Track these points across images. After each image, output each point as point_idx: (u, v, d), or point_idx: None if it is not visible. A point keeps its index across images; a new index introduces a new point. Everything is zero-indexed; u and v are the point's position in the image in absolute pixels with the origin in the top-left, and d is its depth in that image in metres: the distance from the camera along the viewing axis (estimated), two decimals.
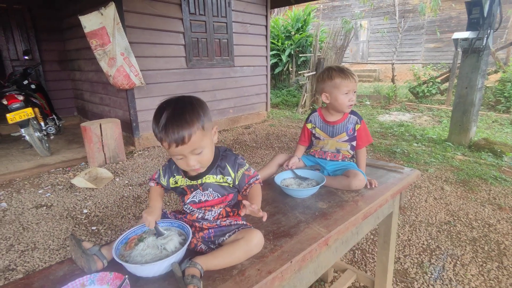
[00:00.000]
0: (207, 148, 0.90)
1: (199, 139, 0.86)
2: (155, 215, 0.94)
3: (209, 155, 0.92)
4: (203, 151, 0.89)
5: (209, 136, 0.90)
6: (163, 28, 4.55)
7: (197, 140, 0.85)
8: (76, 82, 6.09)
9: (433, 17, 11.75)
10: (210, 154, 0.92)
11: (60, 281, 0.84)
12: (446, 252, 2.17)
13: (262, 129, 5.82)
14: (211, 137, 0.92)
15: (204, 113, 0.89)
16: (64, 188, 3.33)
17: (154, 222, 0.93)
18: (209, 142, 0.91)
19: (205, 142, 0.88)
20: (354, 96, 1.40)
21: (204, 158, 0.90)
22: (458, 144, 4.40)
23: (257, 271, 0.86)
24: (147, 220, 0.92)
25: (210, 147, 0.91)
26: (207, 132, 0.89)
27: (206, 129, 0.88)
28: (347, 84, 1.36)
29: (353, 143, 1.44)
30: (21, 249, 2.31)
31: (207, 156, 0.91)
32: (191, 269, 0.79)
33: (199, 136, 0.85)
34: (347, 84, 1.36)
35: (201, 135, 0.86)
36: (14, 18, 5.43)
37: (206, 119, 0.89)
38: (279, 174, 1.41)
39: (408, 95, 8.22)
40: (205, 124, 0.88)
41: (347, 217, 1.12)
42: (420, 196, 3.00)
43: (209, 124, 0.91)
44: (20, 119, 3.68)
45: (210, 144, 0.91)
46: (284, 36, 9.38)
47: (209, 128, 0.91)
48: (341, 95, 1.37)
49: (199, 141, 0.86)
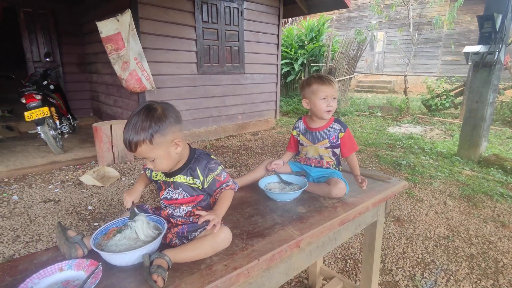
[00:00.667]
0: (159, 159, 0.96)
1: (145, 151, 0.93)
2: (133, 196, 1.05)
3: (163, 164, 0.97)
4: (155, 160, 0.96)
5: (161, 149, 0.94)
6: (176, 35, 4.72)
7: (143, 152, 0.93)
8: (93, 84, 6.35)
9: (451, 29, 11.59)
10: (164, 164, 0.97)
11: (43, 265, 0.91)
12: (441, 267, 2.13)
13: (270, 136, 5.87)
14: (165, 150, 0.96)
15: (157, 131, 0.92)
16: (73, 184, 3.47)
17: (131, 202, 1.04)
18: (162, 154, 0.95)
19: (154, 154, 0.94)
20: (334, 102, 1.43)
21: (157, 166, 0.97)
22: (467, 159, 4.30)
23: (224, 266, 0.90)
24: (125, 199, 1.04)
25: (163, 159, 0.96)
26: (157, 146, 0.93)
27: (156, 144, 0.92)
28: (323, 89, 1.40)
29: (336, 150, 1.47)
30: (26, 240, 2.43)
31: (160, 165, 0.97)
32: (159, 260, 0.84)
33: (145, 148, 0.92)
34: (323, 89, 1.40)
35: (148, 148, 0.92)
36: (38, 22, 5.74)
37: (157, 135, 0.92)
38: (264, 178, 1.45)
39: (421, 108, 8.09)
40: (155, 139, 0.92)
41: (323, 222, 1.15)
42: (421, 209, 2.96)
43: (163, 139, 0.94)
44: (37, 117, 3.87)
45: (163, 156, 0.96)
46: (298, 45, 9.47)
47: (162, 143, 0.94)
48: (318, 100, 1.42)
49: (147, 153, 0.93)
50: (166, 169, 1.01)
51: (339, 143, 1.45)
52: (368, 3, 13.57)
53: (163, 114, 0.94)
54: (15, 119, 5.94)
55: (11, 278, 0.87)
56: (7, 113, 6.48)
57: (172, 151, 0.97)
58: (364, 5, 14.33)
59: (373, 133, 6.00)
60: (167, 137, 0.95)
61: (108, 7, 4.82)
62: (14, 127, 5.50)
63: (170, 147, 0.97)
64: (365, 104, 9.11)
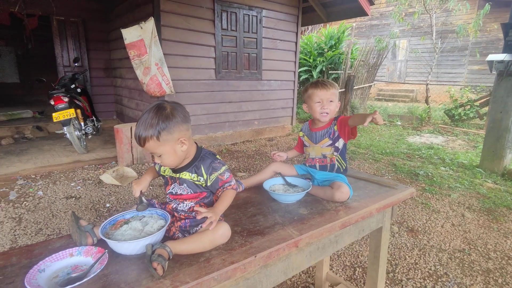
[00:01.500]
0: (166, 155, 1.02)
1: (153, 147, 1.00)
2: (141, 185, 1.12)
3: (169, 160, 1.04)
4: (162, 155, 1.03)
5: (168, 146, 1.01)
6: (196, 41, 4.87)
7: (151, 147, 1.00)
8: (117, 88, 6.63)
9: (479, 38, 11.20)
10: (170, 160, 1.04)
11: (56, 250, 0.98)
12: (454, 280, 2.06)
13: (285, 142, 5.88)
14: (171, 147, 1.02)
15: (164, 129, 0.98)
16: (93, 183, 3.64)
17: (139, 191, 1.10)
18: (168, 151, 1.02)
19: (161, 150, 1.01)
20: (330, 105, 1.47)
21: (164, 162, 1.04)
22: (490, 171, 4.13)
23: (222, 260, 0.94)
24: (134, 188, 1.10)
25: (169, 155, 1.03)
26: (164, 142, 1.00)
27: (162, 141, 0.99)
28: (317, 93, 1.47)
29: (337, 144, 1.49)
30: (48, 233, 2.57)
31: (166, 161, 1.04)
32: (160, 250, 0.89)
33: (153, 144, 0.99)
34: (317, 93, 1.47)
35: (156, 144, 0.99)
36: (69, 29, 6.10)
37: (164, 132, 0.98)
38: (270, 180, 1.48)
39: (444, 118, 7.84)
40: (162, 136, 0.99)
41: (323, 224, 1.17)
42: (437, 221, 2.87)
43: (169, 137, 1.00)
44: (63, 118, 4.10)
45: (169, 152, 1.02)
46: (317, 53, 9.46)
47: (169, 140, 1.00)
48: (313, 104, 1.49)
49: (154, 148, 1.00)
50: (172, 165, 1.07)
51: (338, 136, 1.48)
52: (390, 11, 13.38)
53: (171, 113, 1.01)
54: (45, 120, 6.29)
55: (27, 260, 0.95)
56: (38, 114, 6.88)
57: (178, 148, 1.03)
58: (387, 13, 14.14)
59: (391, 142, 5.88)
60: (174, 135, 1.01)
61: (133, 15, 5.06)
62: (44, 128, 5.83)
63: (176, 144, 1.03)
64: (385, 112, 8.94)
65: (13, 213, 2.89)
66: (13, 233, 2.56)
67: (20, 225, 2.69)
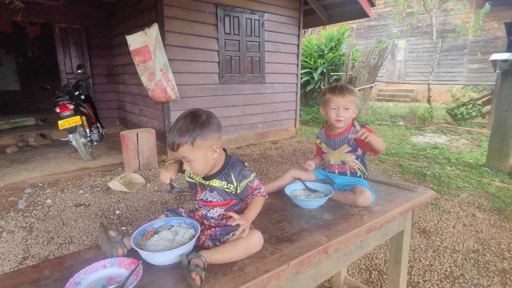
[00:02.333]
0: (197, 161, 1.03)
1: (186, 152, 1.00)
2: (171, 172, 1.12)
3: (199, 167, 1.04)
4: (192, 162, 1.03)
5: (200, 152, 1.02)
6: (199, 46, 4.88)
7: (183, 152, 1.01)
8: (120, 94, 6.64)
9: (477, 37, 11.26)
10: (200, 167, 1.04)
11: (87, 262, 0.98)
12: (471, 281, 2.06)
13: (290, 145, 5.89)
14: (203, 153, 1.03)
15: (200, 133, 1.01)
16: (101, 190, 3.63)
17: (169, 178, 1.10)
18: (199, 157, 1.02)
19: (194, 156, 1.02)
20: (346, 112, 1.46)
21: (194, 168, 1.04)
22: (496, 170, 4.13)
23: (256, 269, 0.94)
24: (164, 175, 1.10)
25: (200, 161, 1.03)
26: (197, 148, 1.01)
27: (196, 146, 1.01)
28: (334, 100, 1.45)
29: (358, 153, 1.48)
30: (59, 242, 2.56)
31: (196, 167, 1.04)
32: (195, 260, 0.89)
33: (186, 149, 1.00)
34: (334, 100, 1.45)
35: (189, 149, 1.00)
36: (72, 37, 6.11)
37: (199, 138, 1.01)
38: (290, 185, 1.48)
39: (446, 117, 7.86)
40: (197, 142, 1.00)
41: (350, 229, 1.17)
42: (448, 221, 2.87)
43: (203, 143, 1.02)
44: (69, 125, 4.09)
45: (200, 159, 1.03)
46: (317, 54, 9.50)
47: (202, 146, 1.02)
48: (329, 110, 1.48)
49: (187, 153, 1.01)
50: (201, 172, 1.07)
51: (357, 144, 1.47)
52: (388, 11, 13.45)
53: (207, 121, 1.03)
54: (48, 128, 6.29)
55: (59, 273, 0.95)
56: (40, 122, 6.87)
57: (209, 156, 1.04)
58: (385, 13, 14.21)
59: (395, 142, 5.89)
60: (207, 141, 1.02)
61: (136, 21, 5.07)
62: (47, 135, 5.82)
63: (208, 151, 1.04)
64: (386, 113, 8.95)
65: (23, 222, 2.88)
66: (25, 243, 2.54)
67: (31, 234, 2.68)
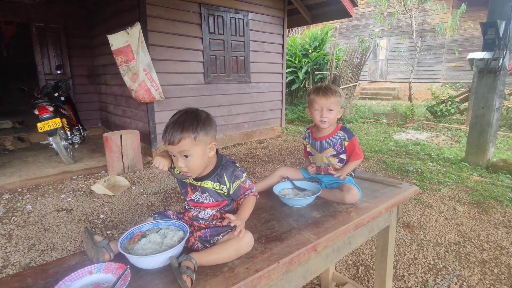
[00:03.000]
0: (195, 157, 1.01)
1: (187, 145, 0.98)
2: (168, 159, 1.08)
3: (196, 163, 1.02)
4: (190, 157, 1.00)
5: (200, 147, 1.01)
6: (183, 46, 4.83)
7: (185, 145, 0.98)
8: (101, 95, 6.47)
9: (454, 36, 11.64)
10: (197, 163, 1.02)
11: (72, 269, 0.96)
12: (453, 273, 2.13)
13: (276, 144, 5.91)
14: (203, 150, 1.02)
15: (203, 128, 1.01)
16: (84, 194, 3.53)
17: (168, 166, 1.07)
18: (199, 153, 1.01)
19: (193, 151, 1.00)
20: (330, 113, 1.46)
21: (190, 164, 1.02)
22: (475, 165, 4.29)
23: (246, 269, 0.94)
24: (161, 162, 1.06)
25: (199, 157, 1.02)
26: (199, 143, 1.00)
27: (198, 141, 1.00)
28: (317, 101, 1.46)
29: (342, 157, 1.51)
30: (41, 249, 2.48)
31: (193, 164, 1.02)
32: (186, 262, 0.88)
33: (188, 143, 0.98)
34: (317, 101, 1.46)
35: (191, 143, 0.99)
36: (50, 36, 5.91)
37: (202, 133, 1.01)
38: (278, 184, 1.49)
39: (426, 114, 8.10)
40: (199, 136, 1.00)
41: (338, 226, 1.18)
42: (431, 215, 2.96)
43: (205, 138, 1.02)
44: (49, 128, 3.96)
45: (199, 155, 1.01)
46: (302, 54, 9.58)
47: (203, 141, 1.02)
48: (313, 111, 1.49)
49: (187, 147, 0.99)
50: (197, 170, 1.04)
51: (344, 150, 1.49)
52: (370, 11, 13.72)
53: (208, 118, 1.05)
54: (26, 130, 6.06)
55: (43, 281, 0.91)
56: (18, 125, 6.61)
57: (207, 153, 1.04)
58: (367, 13, 14.49)
59: (379, 140, 6.02)
60: (208, 138, 1.03)
61: (118, 20, 4.95)
62: (25, 138, 5.61)
63: (207, 148, 1.03)
64: (369, 111, 9.14)
65: (1, 229, 2.76)
66: (4, 251, 2.45)
67: (11, 241, 2.57)
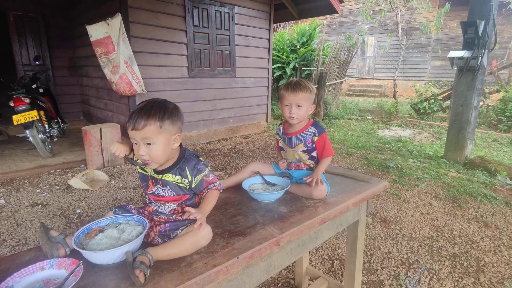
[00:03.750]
0: (158, 145, 0.99)
1: (151, 133, 0.97)
2: (126, 147, 1.06)
3: (159, 152, 1.00)
4: (152, 145, 0.98)
5: (165, 136, 0.99)
6: (166, 39, 4.74)
7: (149, 132, 0.96)
8: (83, 87, 6.32)
9: (440, 35, 11.84)
10: (160, 152, 1.00)
11: (25, 264, 0.92)
12: (424, 266, 2.18)
13: (261, 139, 5.91)
14: (167, 139, 1.01)
15: (169, 118, 1.00)
16: (61, 188, 3.45)
17: (124, 153, 1.05)
18: (163, 141, 0.99)
19: (157, 139, 0.98)
20: (299, 110, 1.44)
21: (152, 153, 0.99)
22: (453, 161, 4.40)
23: (204, 264, 0.93)
24: (118, 148, 1.04)
25: (162, 146, 1.00)
26: (164, 132, 0.99)
27: (163, 129, 0.98)
28: (286, 97, 1.46)
29: (313, 154, 1.51)
30: (12, 244, 2.41)
31: (155, 152, 1.00)
32: (141, 257, 0.86)
33: (153, 130, 0.96)
34: (286, 97, 1.46)
35: (155, 131, 0.97)
36: (28, 26, 5.71)
37: (168, 121, 1.00)
38: (248, 179, 1.48)
39: (410, 111, 8.24)
40: (165, 125, 0.99)
41: (303, 221, 1.18)
42: (407, 210, 3.01)
43: (170, 128, 1.01)
44: (25, 120, 3.84)
45: (163, 143, 1.00)
46: (289, 49, 9.57)
47: (169, 131, 1.00)
48: (283, 107, 1.48)
49: (151, 134, 0.97)
50: (158, 160, 1.02)
51: (314, 147, 1.49)
52: (358, 8, 13.79)
53: (176, 109, 1.04)
54: (4, 123, 5.87)
55: None
56: None
57: (171, 144, 1.03)
58: (355, 10, 14.56)
59: (363, 136, 6.09)
60: (174, 128, 1.01)
61: (99, 11, 4.83)
62: (3, 131, 5.44)
63: (171, 139, 1.02)
64: (356, 107, 9.23)
65: None
66: None
67: None
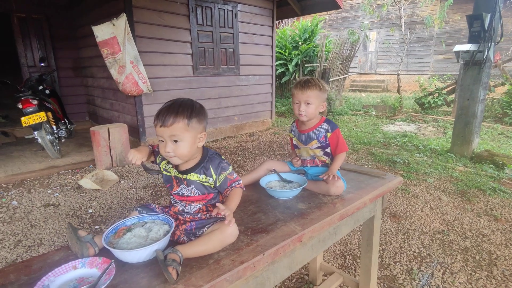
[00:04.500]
0: (185, 142, 1.01)
1: (179, 130, 0.99)
2: (142, 153, 1.09)
3: (185, 149, 1.02)
4: (179, 142, 1.00)
5: (192, 134, 1.02)
6: (171, 38, 4.75)
7: (177, 129, 0.98)
8: (88, 88, 6.34)
9: (442, 28, 11.76)
10: (186, 150, 1.02)
11: (56, 264, 0.95)
12: (437, 260, 2.20)
13: (266, 136, 5.92)
14: (194, 137, 1.03)
15: (196, 116, 1.03)
16: (72, 188, 3.48)
17: (141, 160, 1.08)
18: (189, 139, 1.01)
19: (184, 136, 1.00)
20: (308, 107, 1.46)
21: (179, 150, 1.01)
22: (460, 156, 4.39)
23: (231, 261, 0.94)
24: (135, 155, 1.06)
25: (188, 143, 1.01)
26: (191, 130, 1.01)
27: (191, 127, 1.00)
28: (295, 94, 1.49)
29: (327, 150, 1.52)
30: (28, 245, 2.45)
31: (182, 149, 1.01)
32: (172, 255, 0.89)
33: (181, 127, 0.99)
34: (295, 94, 1.49)
35: (183, 128, 0.99)
36: (32, 27, 5.73)
37: (195, 120, 1.02)
38: (265, 177, 1.50)
39: (414, 106, 8.22)
40: (192, 123, 1.01)
41: (323, 217, 1.20)
42: (417, 205, 3.03)
43: (197, 126, 1.03)
44: (34, 122, 3.87)
45: (189, 141, 1.01)
46: (292, 46, 9.54)
47: (196, 129, 1.02)
48: (293, 104, 1.52)
49: (179, 131, 0.99)
50: (183, 157, 1.03)
51: (328, 143, 1.50)
52: (360, 3, 13.72)
53: (202, 108, 1.07)
54: (10, 125, 5.91)
55: (26, 277, 0.90)
56: (1, 119, 6.44)
57: (197, 142, 1.05)
58: (357, 5, 14.48)
59: (368, 131, 6.09)
60: (200, 127, 1.04)
61: (102, 11, 4.83)
62: (10, 133, 5.47)
63: (197, 137, 1.04)
64: (359, 103, 9.21)
65: None
66: None
67: None
